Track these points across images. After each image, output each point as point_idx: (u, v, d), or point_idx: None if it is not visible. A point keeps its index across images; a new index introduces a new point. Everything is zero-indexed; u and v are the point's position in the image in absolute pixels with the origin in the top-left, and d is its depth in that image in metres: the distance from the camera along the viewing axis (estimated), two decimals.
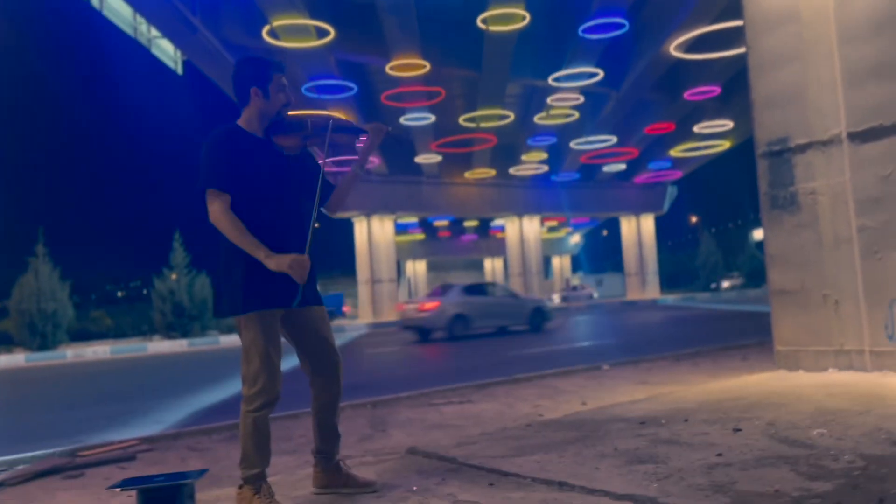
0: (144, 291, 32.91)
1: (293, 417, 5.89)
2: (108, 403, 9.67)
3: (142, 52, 22.76)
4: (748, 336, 10.50)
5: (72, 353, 22.73)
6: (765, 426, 3.62)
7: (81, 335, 40.10)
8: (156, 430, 6.75)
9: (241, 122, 2.93)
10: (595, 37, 21.24)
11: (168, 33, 20.57)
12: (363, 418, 6.20)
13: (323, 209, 3.09)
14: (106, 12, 20.97)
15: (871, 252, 5.36)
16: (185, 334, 26.76)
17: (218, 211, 2.74)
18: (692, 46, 22.03)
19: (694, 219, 68.36)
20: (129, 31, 20.98)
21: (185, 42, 20.39)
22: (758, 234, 61.95)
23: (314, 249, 2.85)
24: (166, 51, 22.17)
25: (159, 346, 24.18)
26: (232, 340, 24.93)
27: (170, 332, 27.02)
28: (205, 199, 2.78)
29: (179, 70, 23.73)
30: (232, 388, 10.88)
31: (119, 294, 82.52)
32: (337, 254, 60.74)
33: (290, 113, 2.98)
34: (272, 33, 18.40)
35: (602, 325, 19.77)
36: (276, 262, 2.70)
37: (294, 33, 18.37)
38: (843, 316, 5.55)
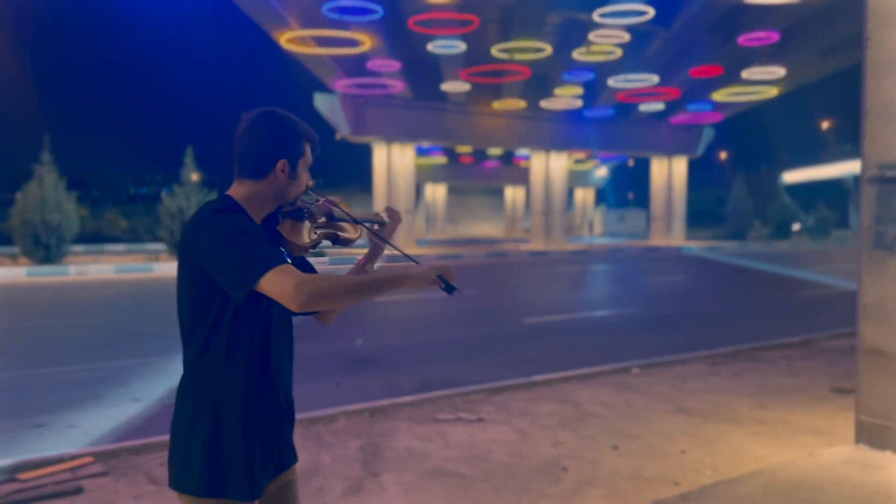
0: (164, 191, 31.58)
1: None
2: (93, 357, 8.68)
3: None
4: (784, 319, 10.66)
5: (75, 270, 22.15)
6: None
7: (95, 238, 39.56)
8: (134, 410, 6.38)
9: (238, 199, 1.82)
10: None
11: None
12: (357, 439, 5.54)
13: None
14: None
15: None
16: None
17: (304, 282, 1.63)
18: None
19: (723, 155, 66.10)
20: None
21: None
22: (788, 178, 59.66)
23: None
24: None
25: (166, 266, 23.37)
26: None
27: (176, 251, 25.99)
28: (254, 296, 1.72)
29: None
30: None
31: (132, 190, 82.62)
32: (355, 175, 59.52)
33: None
34: None
35: (625, 287, 18.65)
36: (425, 270, 1.82)
37: None
38: None
